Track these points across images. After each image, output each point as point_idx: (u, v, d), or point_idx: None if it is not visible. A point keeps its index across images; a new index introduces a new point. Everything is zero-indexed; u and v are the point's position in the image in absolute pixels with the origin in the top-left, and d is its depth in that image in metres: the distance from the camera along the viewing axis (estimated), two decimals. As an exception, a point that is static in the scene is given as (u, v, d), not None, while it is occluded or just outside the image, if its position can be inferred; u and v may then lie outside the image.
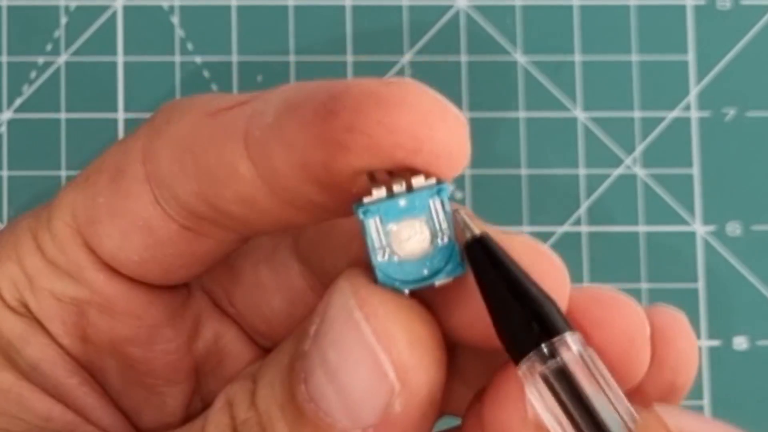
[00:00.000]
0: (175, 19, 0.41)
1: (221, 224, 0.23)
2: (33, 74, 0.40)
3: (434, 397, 0.21)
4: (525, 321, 0.20)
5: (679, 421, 0.20)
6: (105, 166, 0.24)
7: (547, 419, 0.20)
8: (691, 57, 0.41)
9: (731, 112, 0.41)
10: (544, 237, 0.40)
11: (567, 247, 0.40)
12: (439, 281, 0.21)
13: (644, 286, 0.40)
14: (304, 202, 0.22)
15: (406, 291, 0.21)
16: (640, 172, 0.41)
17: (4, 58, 0.40)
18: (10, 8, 0.41)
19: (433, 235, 0.21)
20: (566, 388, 0.20)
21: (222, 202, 0.22)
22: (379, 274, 0.21)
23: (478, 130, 0.41)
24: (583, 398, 0.20)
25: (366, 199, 0.21)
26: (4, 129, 0.40)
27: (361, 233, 0.21)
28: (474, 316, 0.21)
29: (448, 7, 0.41)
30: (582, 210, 0.41)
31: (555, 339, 0.20)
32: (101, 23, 0.41)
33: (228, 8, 0.41)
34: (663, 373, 0.23)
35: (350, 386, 0.21)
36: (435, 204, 0.21)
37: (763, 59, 0.41)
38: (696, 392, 0.40)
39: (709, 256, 0.40)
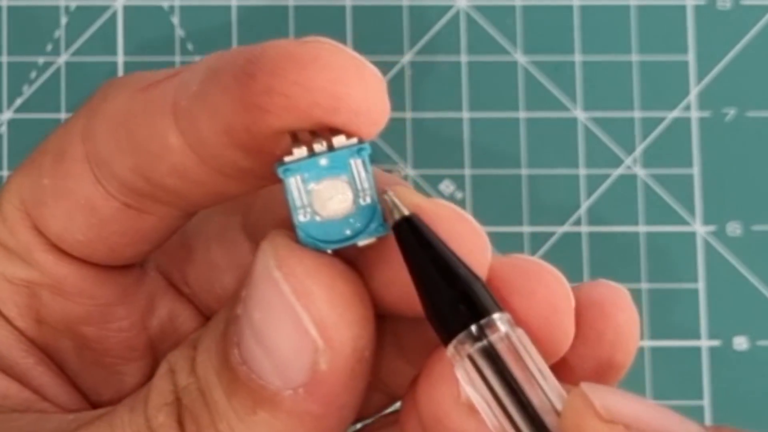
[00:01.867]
0: (175, 19, 0.41)
1: (160, 199, 0.23)
2: (33, 74, 0.40)
3: (361, 354, 0.21)
4: (453, 302, 0.20)
5: (606, 401, 0.20)
6: (48, 147, 0.24)
7: (477, 401, 0.20)
8: (691, 57, 0.41)
9: (731, 112, 0.41)
10: (544, 237, 0.40)
11: (567, 248, 0.40)
12: (361, 241, 0.21)
13: (644, 286, 0.40)
14: (233, 170, 0.22)
15: (329, 251, 0.21)
16: (641, 172, 0.41)
17: (5, 58, 0.40)
18: (10, 8, 0.41)
19: (355, 195, 0.21)
20: (494, 369, 0.20)
21: (157, 176, 0.22)
22: (301, 234, 0.21)
23: (479, 130, 0.41)
24: (510, 380, 0.20)
25: (286, 158, 0.21)
26: (4, 129, 0.40)
27: (283, 193, 0.21)
28: (395, 276, 0.21)
29: (449, 7, 0.41)
30: (582, 210, 0.41)
31: (483, 320, 0.20)
32: (101, 23, 0.41)
33: (228, 8, 0.41)
34: (602, 348, 0.23)
35: (276, 346, 0.21)
36: (356, 163, 0.21)
37: (763, 59, 0.41)
38: (696, 392, 0.40)
39: (709, 256, 0.40)
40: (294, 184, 0.21)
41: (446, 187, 0.40)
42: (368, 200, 0.21)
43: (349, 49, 0.21)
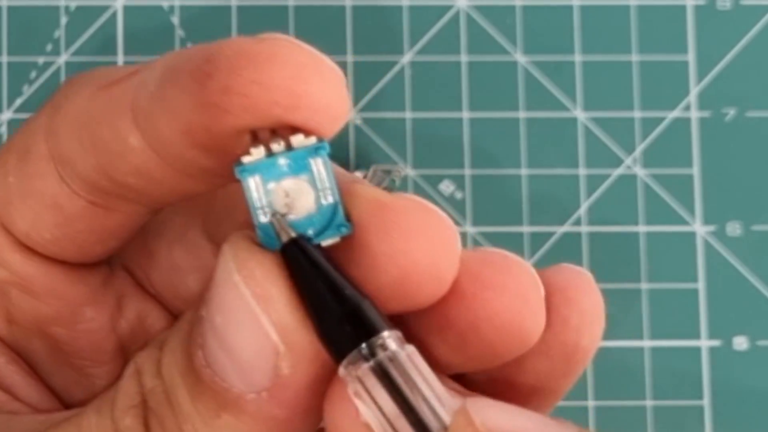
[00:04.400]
0: (175, 19, 0.41)
1: (125, 197, 0.23)
2: (33, 74, 0.40)
3: (325, 360, 0.21)
4: (342, 322, 0.20)
5: (488, 417, 0.20)
6: (13, 145, 0.24)
7: (371, 419, 0.20)
8: (691, 57, 0.41)
9: (731, 112, 0.41)
10: (544, 237, 0.40)
11: (567, 247, 0.40)
12: (324, 241, 0.21)
13: (644, 286, 0.40)
14: (194, 169, 0.22)
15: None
16: (640, 172, 0.41)
17: (5, 59, 0.40)
18: (10, 8, 0.41)
19: (317, 195, 0.21)
20: (385, 388, 0.20)
21: (119, 175, 0.22)
22: (261, 235, 0.21)
23: (478, 130, 0.41)
24: (399, 398, 0.20)
25: (244, 159, 0.20)
26: (4, 129, 0.40)
27: (242, 194, 0.21)
28: (361, 276, 0.21)
29: (449, 7, 0.41)
30: (582, 210, 0.41)
31: (372, 339, 0.20)
32: (101, 23, 0.41)
33: (228, 8, 0.41)
34: (566, 334, 0.23)
35: (238, 349, 0.20)
36: (316, 163, 0.21)
37: (763, 59, 0.41)
38: (696, 392, 0.40)
39: (709, 256, 0.40)
40: (253, 184, 0.21)
41: (446, 187, 0.40)
42: (330, 199, 0.21)
43: (307, 46, 0.21)
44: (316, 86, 0.20)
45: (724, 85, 0.41)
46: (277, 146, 0.20)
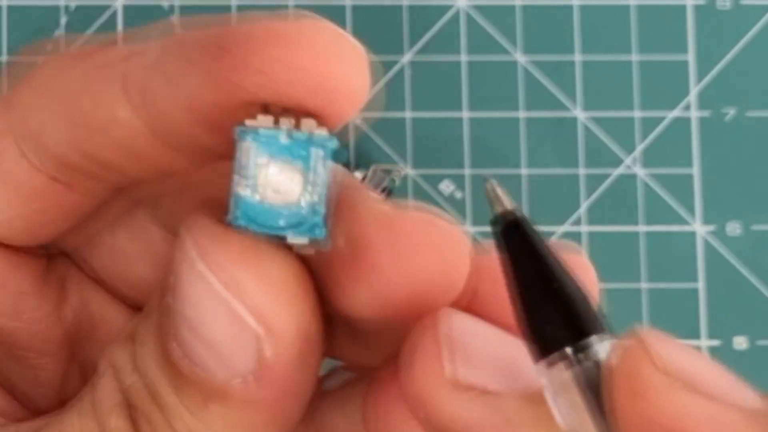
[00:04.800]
0: (176, 18, 0.41)
1: (95, 174, 0.22)
2: (33, 74, 0.40)
3: (308, 335, 0.20)
4: (557, 318, 0.19)
5: (668, 353, 0.18)
6: None
7: (567, 417, 0.19)
8: (691, 57, 0.41)
9: (731, 112, 0.41)
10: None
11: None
12: (291, 237, 0.19)
13: (644, 286, 0.40)
14: (190, 146, 0.21)
15: (255, 233, 0.19)
16: (640, 171, 0.41)
17: (5, 58, 0.40)
18: (10, 8, 0.41)
19: (304, 187, 0.19)
20: (592, 389, 0.19)
21: (99, 150, 0.21)
22: (232, 208, 0.19)
23: (478, 130, 0.41)
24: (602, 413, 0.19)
25: (248, 122, 0.19)
26: (4, 129, 0.40)
27: (232, 157, 0.19)
28: (371, 295, 0.20)
29: (449, 7, 0.41)
30: (582, 210, 0.40)
31: (586, 341, 0.19)
32: (101, 23, 0.41)
33: (228, 8, 0.41)
34: None
35: (215, 339, 0.19)
36: (317, 154, 0.19)
37: (762, 59, 0.41)
38: (696, 392, 0.40)
39: (709, 256, 0.40)
40: (245, 148, 0.19)
41: (446, 186, 0.40)
42: (315, 197, 0.19)
43: (333, 25, 0.20)
44: (342, 69, 0.19)
45: (724, 84, 0.41)
46: (286, 122, 0.19)
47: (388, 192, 0.40)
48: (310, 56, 0.19)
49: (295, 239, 0.19)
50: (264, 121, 0.19)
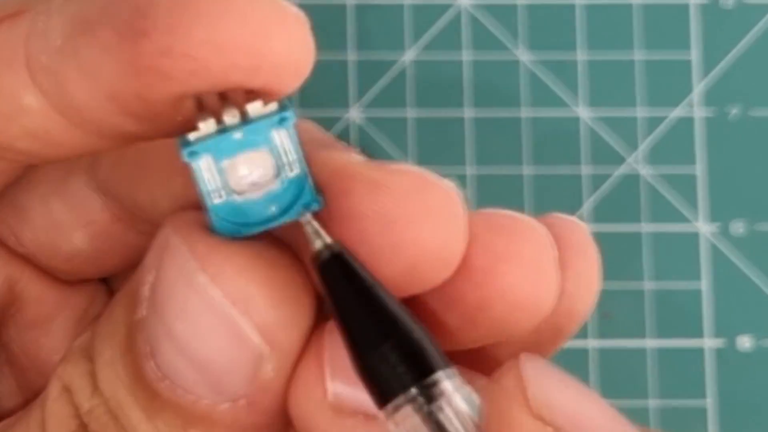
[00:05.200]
0: None
1: (5, 158, 0.20)
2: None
3: (302, 346, 0.18)
4: (391, 356, 0.17)
5: (543, 391, 0.17)
6: None
7: None
8: (694, 55, 0.41)
9: (735, 111, 0.41)
10: (547, 236, 0.40)
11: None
12: (289, 219, 0.18)
13: (647, 285, 0.40)
14: (114, 133, 0.18)
15: (252, 234, 0.18)
16: (644, 170, 0.41)
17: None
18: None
19: (280, 167, 0.18)
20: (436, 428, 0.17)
21: (7, 139, 0.19)
22: (215, 220, 0.18)
23: (481, 129, 0.41)
24: None
25: (192, 136, 0.17)
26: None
27: (190, 174, 0.18)
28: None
29: (450, 5, 0.41)
30: (585, 208, 0.40)
31: (427, 380, 0.17)
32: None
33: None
34: (560, 300, 0.20)
35: (208, 358, 0.17)
36: (279, 135, 0.17)
37: (766, 57, 0.41)
38: (699, 392, 0.40)
39: (713, 255, 0.40)
40: (204, 165, 0.17)
41: (448, 185, 0.40)
42: (296, 171, 0.18)
43: None
44: (282, 42, 0.17)
45: (728, 83, 0.41)
46: (231, 118, 0.17)
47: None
48: (244, 33, 0.17)
49: (294, 219, 0.18)
50: (207, 126, 0.17)
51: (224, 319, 0.17)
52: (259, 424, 0.18)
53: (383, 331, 0.17)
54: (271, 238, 0.19)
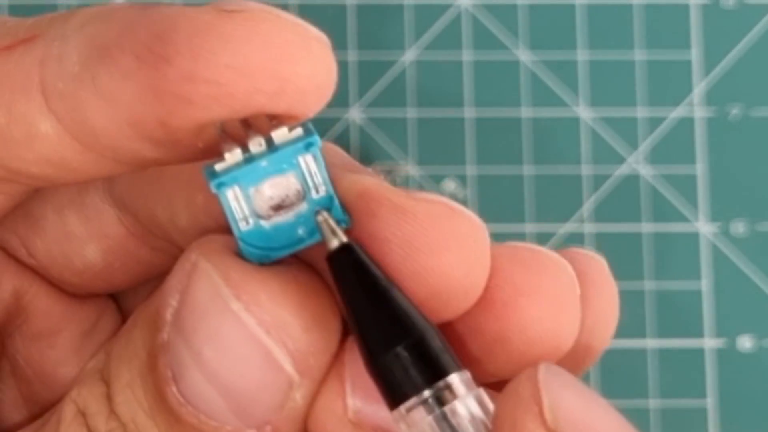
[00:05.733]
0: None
1: (17, 182, 0.19)
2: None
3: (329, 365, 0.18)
4: (407, 359, 0.17)
5: (561, 401, 0.16)
6: None
7: None
8: (695, 55, 0.41)
9: (735, 111, 0.41)
10: (547, 236, 0.40)
11: (570, 246, 0.40)
12: (317, 241, 0.18)
13: (648, 285, 0.40)
14: (131, 158, 0.18)
15: (281, 257, 0.18)
16: (645, 170, 0.40)
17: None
18: (11, 7, 0.41)
19: (306, 190, 0.18)
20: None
21: (20, 164, 0.18)
22: (244, 246, 0.18)
23: (482, 129, 0.41)
24: None
25: (218, 167, 0.17)
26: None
27: (217, 203, 0.18)
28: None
29: (450, 5, 0.41)
30: (586, 208, 0.40)
31: (439, 383, 0.17)
32: (102, 21, 0.41)
33: (229, 6, 0.41)
34: (578, 335, 0.20)
35: (237, 385, 0.17)
36: (305, 160, 0.17)
37: (767, 57, 0.41)
38: (700, 392, 0.40)
39: (713, 255, 0.40)
40: (232, 195, 0.17)
41: (449, 185, 0.40)
42: (322, 192, 0.18)
43: (287, 15, 0.17)
44: (306, 66, 0.17)
45: (729, 83, 0.41)
46: (257, 147, 0.17)
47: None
48: (268, 57, 0.16)
49: (321, 241, 0.18)
50: (234, 157, 0.17)
51: (257, 346, 0.17)
52: None
53: (397, 332, 0.17)
54: (297, 261, 0.19)
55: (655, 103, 0.41)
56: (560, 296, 0.19)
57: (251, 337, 0.17)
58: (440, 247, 0.18)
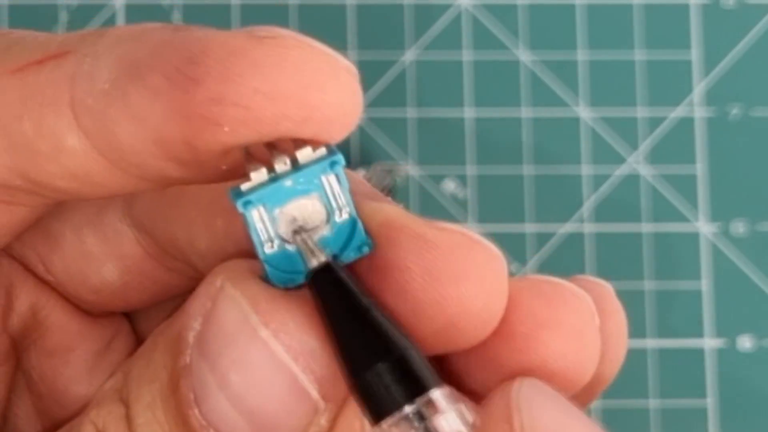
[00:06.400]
0: (176, 18, 0.41)
1: (39, 194, 0.19)
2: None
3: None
4: (384, 374, 0.17)
5: (536, 414, 0.17)
6: None
7: None
8: (695, 55, 0.41)
9: (735, 111, 0.41)
10: (547, 236, 0.40)
11: (571, 246, 0.40)
12: (345, 262, 0.18)
13: (648, 285, 0.40)
14: (155, 176, 0.18)
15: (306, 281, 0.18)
16: (645, 170, 0.40)
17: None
18: (11, 7, 0.41)
19: (330, 212, 0.18)
20: None
21: (46, 177, 0.19)
22: (269, 270, 0.18)
23: (482, 129, 0.41)
24: None
25: (244, 186, 0.17)
26: (4, 128, 0.40)
27: (241, 223, 0.18)
28: (403, 323, 0.18)
29: (450, 5, 0.41)
30: (586, 208, 0.40)
31: (420, 398, 0.17)
32: (102, 22, 0.41)
33: (228, 7, 0.41)
34: None
35: (262, 411, 0.17)
36: (328, 180, 0.18)
37: (767, 57, 0.41)
38: (700, 392, 0.40)
39: (713, 254, 0.40)
40: (257, 215, 0.18)
41: (449, 185, 0.40)
42: (345, 216, 0.18)
43: (318, 43, 0.17)
44: (333, 94, 0.17)
45: (729, 83, 0.41)
46: (282, 165, 0.17)
47: (390, 191, 0.39)
48: (298, 85, 0.17)
49: (345, 263, 0.18)
50: (259, 176, 0.17)
51: (284, 372, 0.17)
52: None
53: (378, 349, 0.17)
54: None
55: (655, 103, 0.41)
56: (582, 329, 0.19)
57: (279, 364, 0.17)
58: (460, 276, 0.18)
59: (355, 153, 0.40)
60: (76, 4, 0.41)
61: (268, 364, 0.17)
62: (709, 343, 0.40)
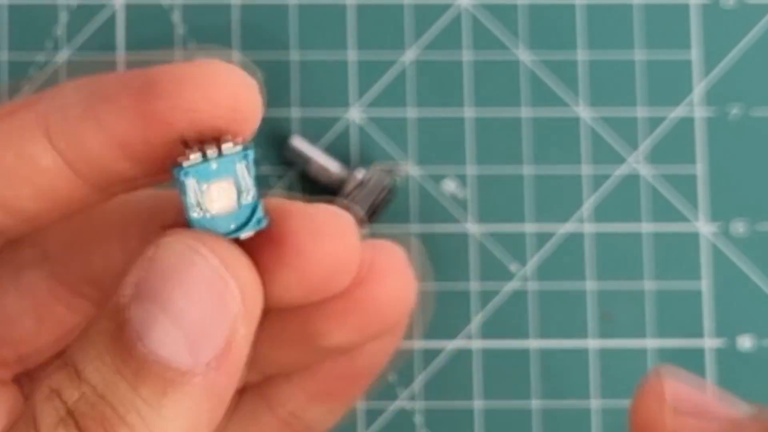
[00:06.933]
0: (176, 17, 0.41)
1: (5, 228, 0.24)
2: (33, 72, 0.40)
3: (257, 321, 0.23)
4: None
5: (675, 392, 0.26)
6: None
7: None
8: (695, 55, 0.41)
9: (735, 111, 0.41)
10: (547, 235, 0.40)
11: (570, 246, 0.40)
12: (243, 234, 0.24)
13: (648, 285, 0.40)
14: (114, 181, 0.24)
15: None
16: (645, 170, 0.41)
17: (5, 56, 0.40)
18: (11, 6, 0.41)
19: (239, 194, 0.24)
20: None
21: (17, 201, 0.23)
22: (196, 228, 0.23)
23: (482, 128, 0.41)
24: None
25: (185, 163, 0.23)
26: (4, 127, 0.40)
27: (179, 194, 0.24)
28: (273, 266, 0.24)
29: (450, 5, 0.41)
30: (585, 208, 0.40)
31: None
32: (102, 21, 0.41)
33: (228, 6, 0.41)
34: (368, 288, 0.25)
35: (196, 321, 0.22)
36: (241, 168, 0.24)
37: (767, 57, 0.41)
38: (700, 392, 0.40)
39: (713, 255, 0.40)
40: (191, 185, 0.23)
41: (449, 185, 0.40)
42: (250, 198, 0.24)
43: (235, 66, 0.24)
44: (247, 101, 0.23)
45: (729, 83, 0.41)
46: (211, 152, 0.23)
47: (390, 191, 0.39)
48: (228, 95, 0.23)
49: (245, 234, 0.24)
50: (195, 158, 0.23)
51: (217, 282, 0.22)
52: (223, 384, 0.22)
53: None
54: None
55: (655, 103, 0.41)
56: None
57: (214, 275, 0.22)
58: (326, 234, 0.24)
59: (355, 153, 0.40)
60: (76, 4, 0.41)
61: (205, 278, 0.22)
62: (709, 343, 0.40)
